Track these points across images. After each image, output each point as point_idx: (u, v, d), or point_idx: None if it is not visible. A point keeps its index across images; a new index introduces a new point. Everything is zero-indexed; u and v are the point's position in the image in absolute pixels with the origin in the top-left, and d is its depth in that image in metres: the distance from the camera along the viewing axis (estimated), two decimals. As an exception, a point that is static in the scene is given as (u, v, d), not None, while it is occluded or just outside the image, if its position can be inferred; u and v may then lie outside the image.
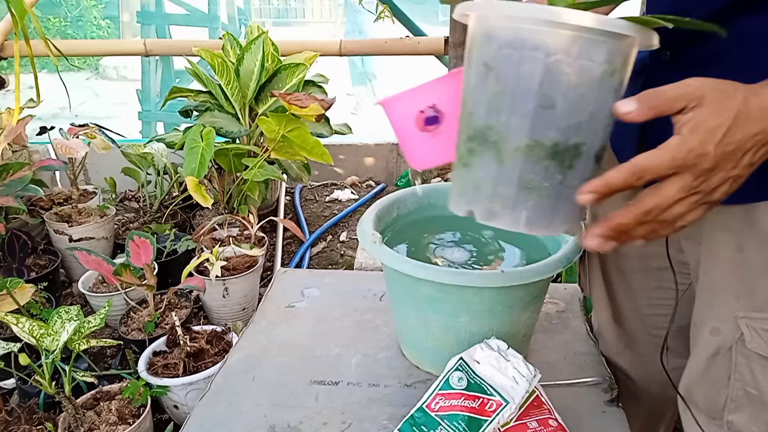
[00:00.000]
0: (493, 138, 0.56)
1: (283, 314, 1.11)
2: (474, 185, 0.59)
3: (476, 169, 0.58)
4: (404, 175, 2.88)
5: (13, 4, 1.54)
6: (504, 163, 0.56)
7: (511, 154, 0.55)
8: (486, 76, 0.54)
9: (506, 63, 0.53)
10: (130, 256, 1.60)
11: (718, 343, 0.70)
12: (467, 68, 0.58)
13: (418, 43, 2.53)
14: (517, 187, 0.56)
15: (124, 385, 1.31)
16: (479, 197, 0.59)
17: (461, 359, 0.80)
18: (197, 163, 1.81)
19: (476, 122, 0.57)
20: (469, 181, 0.59)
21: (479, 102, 0.56)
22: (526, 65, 0.52)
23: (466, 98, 0.59)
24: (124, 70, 6.25)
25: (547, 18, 0.50)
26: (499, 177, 0.57)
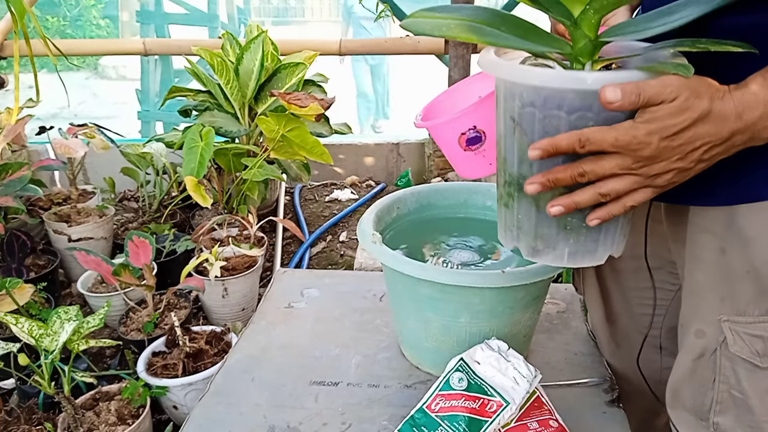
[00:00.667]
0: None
1: (283, 314, 1.11)
2: (517, 225, 0.63)
3: (516, 211, 0.62)
4: (404, 175, 2.88)
5: (13, 3, 1.53)
6: (541, 209, 0.59)
7: (547, 200, 0.58)
8: (514, 129, 0.58)
9: (530, 120, 0.56)
10: (129, 256, 1.60)
11: (702, 345, 0.70)
12: (497, 116, 0.61)
13: (418, 42, 2.53)
14: (556, 229, 0.61)
15: (123, 386, 1.31)
16: (522, 236, 0.63)
17: (461, 360, 0.80)
18: (196, 162, 1.80)
19: (510, 170, 0.61)
20: (512, 221, 0.63)
21: (510, 151, 0.60)
22: (551, 122, 0.55)
23: (499, 144, 0.62)
24: (124, 70, 6.25)
25: (573, 87, 0.53)
26: (538, 221, 0.61)
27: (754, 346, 0.65)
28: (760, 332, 0.64)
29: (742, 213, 0.63)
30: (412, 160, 2.90)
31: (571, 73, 0.55)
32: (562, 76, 0.54)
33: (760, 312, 0.64)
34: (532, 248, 0.63)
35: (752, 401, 0.66)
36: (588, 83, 0.52)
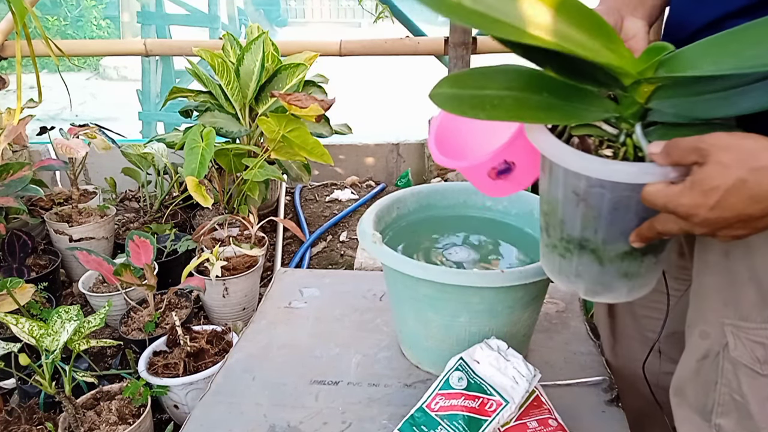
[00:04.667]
0: (591, 247, 0.62)
1: (283, 314, 1.11)
2: (575, 273, 0.65)
3: (576, 263, 0.64)
4: (404, 175, 2.89)
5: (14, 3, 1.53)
6: (604, 265, 0.62)
7: (611, 259, 0.61)
8: (577, 202, 0.59)
9: (599, 198, 0.57)
10: (130, 256, 1.61)
11: (707, 346, 0.70)
12: (550, 182, 0.61)
13: (418, 43, 2.53)
14: (618, 278, 0.64)
15: (124, 385, 1.31)
16: (581, 282, 0.66)
17: (461, 359, 0.80)
18: (197, 163, 1.81)
19: (571, 232, 0.62)
20: (569, 269, 0.65)
21: (572, 218, 0.61)
22: (622, 201, 0.57)
23: (553, 206, 0.63)
24: (125, 71, 6.25)
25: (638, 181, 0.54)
26: (600, 274, 0.63)
27: (755, 353, 0.64)
28: (761, 339, 0.64)
29: None
30: (412, 160, 2.90)
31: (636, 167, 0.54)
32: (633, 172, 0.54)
33: (762, 319, 0.63)
34: (591, 291, 0.66)
35: (752, 407, 0.66)
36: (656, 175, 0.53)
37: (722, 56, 0.52)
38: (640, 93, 0.56)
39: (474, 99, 0.55)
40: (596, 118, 0.58)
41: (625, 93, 0.57)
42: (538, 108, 0.56)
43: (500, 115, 0.54)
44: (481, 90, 0.55)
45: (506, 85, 0.56)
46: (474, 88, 0.56)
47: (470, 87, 0.56)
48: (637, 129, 0.57)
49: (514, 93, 0.56)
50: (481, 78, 0.57)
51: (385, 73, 5.39)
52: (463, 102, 0.54)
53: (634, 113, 0.57)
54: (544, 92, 0.57)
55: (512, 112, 0.54)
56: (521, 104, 0.55)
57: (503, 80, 0.57)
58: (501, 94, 0.55)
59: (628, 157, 0.57)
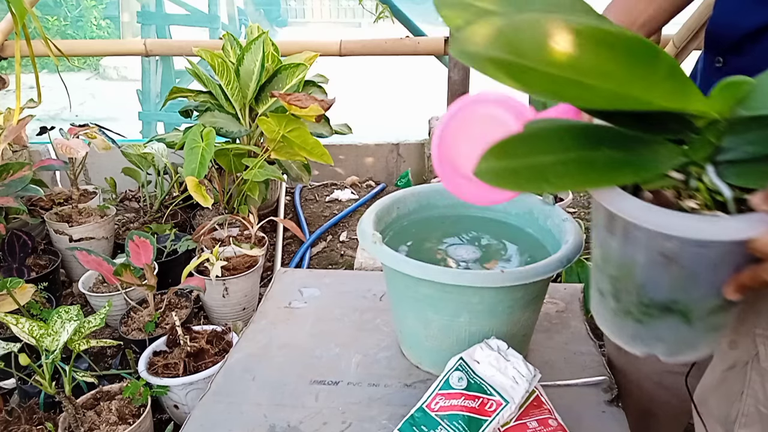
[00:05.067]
0: (679, 308, 0.56)
1: (283, 314, 1.11)
2: (655, 338, 0.60)
3: (657, 327, 0.58)
4: (404, 175, 2.89)
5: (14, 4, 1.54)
6: (693, 324, 0.56)
7: (700, 315, 0.55)
8: (666, 264, 0.53)
9: (696, 258, 0.52)
10: (130, 256, 1.61)
11: (735, 356, 0.69)
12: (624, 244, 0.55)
13: (418, 43, 2.53)
14: (705, 333, 0.58)
15: (124, 385, 1.31)
16: (662, 345, 0.60)
17: (461, 359, 0.80)
18: (197, 163, 1.81)
19: (653, 297, 0.56)
20: (648, 334, 0.60)
21: (657, 281, 0.55)
22: (724, 258, 0.52)
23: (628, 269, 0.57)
24: (125, 71, 6.25)
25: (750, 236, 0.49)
26: (688, 334, 0.58)
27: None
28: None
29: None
30: (412, 160, 2.90)
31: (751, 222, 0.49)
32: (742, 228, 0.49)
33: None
34: (673, 352, 0.61)
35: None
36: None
37: None
38: (714, 133, 0.50)
39: (532, 171, 0.48)
40: (669, 167, 0.51)
41: (696, 135, 0.51)
42: (605, 168, 0.49)
43: (567, 184, 0.48)
44: (536, 157, 0.49)
45: (562, 146, 0.50)
46: (527, 156, 0.49)
47: (522, 156, 0.49)
48: (709, 172, 0.51)
49: (572, 154, 0.49)
50: (532, 143, 0.50)
51: (385, 73, 5.40)
52: (520, 176, 0.48)
53: (706, 156, 0.52)
54: (603, 147, 0.50)
55: (580, 179, 0.48)
56: (586, 167, 0.49)
57: (556, 142, 0.50)
58: (561, 159, 0.49)
59: (708, 204, 0.51)
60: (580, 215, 2.56)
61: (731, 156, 0.52)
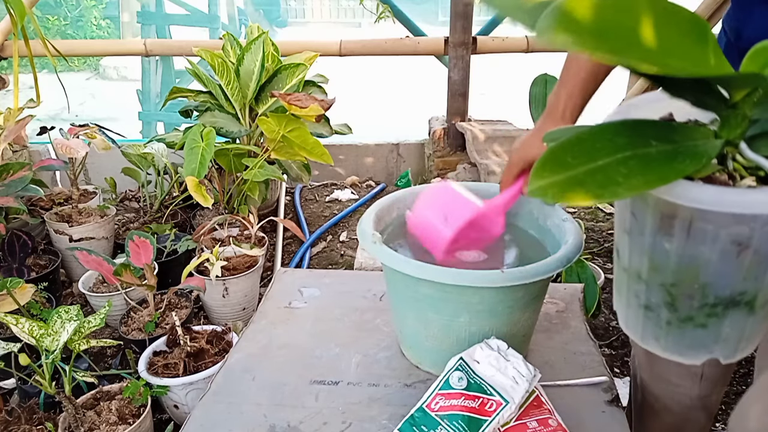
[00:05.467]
0: (745, 299, 0.55)
1: (283, 314, 1.11)
2: (716, 339, 0.59)
3: (720, 327, 0.57)
4: (404, 175, 2.89)
5: (13, 4, 1.54)
6: (756, 313, 0.56)
7: (763, 302, 0.55)
8: (738, 253, 0.52)
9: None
10: (130, 256, 1.61)
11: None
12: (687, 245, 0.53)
13: (418, 43, 2.53)
14: (763, 322, 0.58)
15: (124, 385, 1.31)
16: (724, 345, 0.59)
17: (461, 359, 0.80)
18: (197, 163, 1.81)
19: (720, 293, 0.55)
20: (710, 337, 0.59)
21: (725, 275, 0.54)
22: None
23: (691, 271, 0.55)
24: (125, 71, 6.25)
25: None
26: (751, 324, 0.57)
27: None
28: None
29: None
30: (412, 160, 2.90)
31: None
32: None
33: None
34: (735, 350, 0.60)
35: None
36: None
37: None
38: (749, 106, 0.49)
39: (596, 175, 0.45)
40: (716, 149, 0.50)
41: (733, 110, 0.50)
42: (664, 161, 0.47)
43: (638, 184, 0.45)
44: (594, 162, 0.46)
45: (612, 146, 0.47)
46: (584, 162, 0.46)
47: (578, 164, 0.46)
48: (744, 149, 0.51)
49: (628, 153, 0.47)
50: (581, 148, 0.47)
51: (385, 73, 5.39)
52: (586, 183, 0.45)
53: (741, 132, 0.51)
54: (651, 141, 0.49)
55: (649, 175, 0.46)
56: (647, 163, 0.47)
57: (608, 143, 0.48)
58: (619, 159, 0.46)
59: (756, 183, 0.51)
60: (579, 215, 2.56)
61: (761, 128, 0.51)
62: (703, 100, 0.51)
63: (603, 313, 1.88)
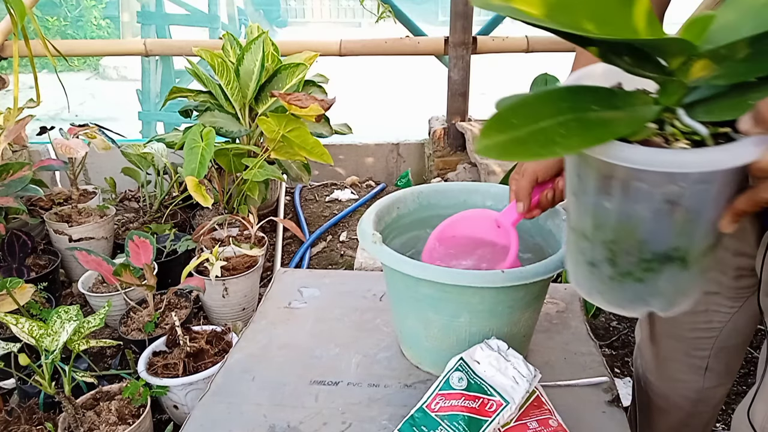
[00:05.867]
0: (679, 255, 0.58)
1: (283, 314, 1.11)
2: (652, 293, 0.61)
3: (656, 281, 0.60)
4: (404, 175, 2.89)
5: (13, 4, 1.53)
6: (690, 269, 0.59)
7: (697, 258, 0.58)
8: (671, 211, 0.54)
9: (701, 196, 0.53)
10: (129, 256, 1.60)
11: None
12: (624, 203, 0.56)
13: (418, 43, 2.53)
14: (698, 277, 0.61)
15: (123, 385, 1.31)
16: (661, 298, 0.62)
17: (461, 359, 0.80)
18: (197, 163, 1.81)
19: (655, 249, 0.58)
20: (646, 291, 0.62)
21: (659, 232, 0.56)
22: (722, 190, 0.53)
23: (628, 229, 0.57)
24: (124, 70, 6.25)
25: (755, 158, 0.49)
26: (686, 279, 0.60)
27: None
28: None
29: None
30: (412, 160, 2.90)
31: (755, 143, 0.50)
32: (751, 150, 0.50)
33: None
34: (671, 303, 0.63)
35: None
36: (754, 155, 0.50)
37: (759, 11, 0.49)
38: (686, 73, 0.52)
39: (538, 136, 0.48)
40: (653, 114, 0.53)
41: (670, 77, 0.53)
42: (601, 123, 0.51)
43: (576, 144, 0.49)
44: (537, 123, 0.49)
45: (555, 110, 0.51)
46: (527, 124, 0.49)
47: (522, 125, 0.49)
48: (681, 114, 0.53)
49: (569, 116, 0.50)
50: (525, 111, 0.50)
51: (385, 73, 5.39)
52: (528, 143, 0.48)
53: (678, 99, 0.54)
54: (591, 106, 0.53)
55: (586, 136, 0.49)
56: (587, 125, 0.50)
57: (550, 107, 0.51)
58: (560, 121, 0.50)
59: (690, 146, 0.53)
60: (580, 215, 2.55)
61: (694, 96, 0.54)
62: (641, 68, 0.53)
63: (603, 314, 1.87)
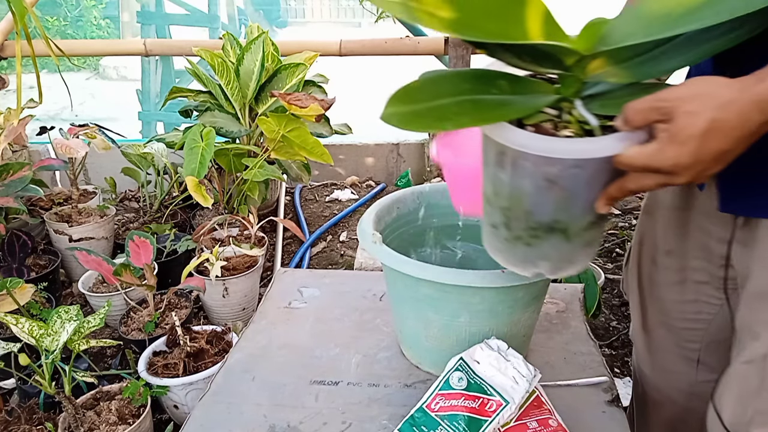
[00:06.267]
0: (560, 227, 0.64)
1: (283, 314, 1.11)
2: (542, 257, 0.69)
3: (542, 247, 0.67)
4: (404, 175, 2.89)
5: (14, 3, 1.53)
6: (572, 241, 0.66)
7: (578, 232, 0.65)
8: (549, 188, 0.60)
9: (574, 178, 0.59)
10: (129, 256, 1.60)
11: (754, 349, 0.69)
12: (513, 176, 0.62)
13: (418, 43, 2.53)
14: (581, 248, 0.68)
15: (124, 385, 1.31)
16: (547, 263, 0.70)
17: (461, 359, 0.80)
18: (197, 163, 1.81)
19: (539, 219, 0.64)
20: (536, 254, 0.69)
21: (542, 205, 0.63)
22: (595, 176, 0.59)
23: (517, 199, 0.64)
24: (124, 70, 6.25)
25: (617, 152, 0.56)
26: (568, 249, 0.67)
27: None
28: None
29: None
30: (412, 160, 2.90)
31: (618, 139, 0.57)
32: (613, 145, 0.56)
33: None
34: (557, 269, 0.70)
35: None
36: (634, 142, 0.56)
37: (651, 21, 0.54)
38: (581, 70, 0.58)
39: (434, 111, 0.54)
40: (545, 103, 0.60)
41: (567, 73, 0.59)
42: (495, 106, 0.57)
43: (466, 121, 0.55)
44: (436, 100, 0.55)
45: (456, 90, 0.56)
46: (427, 100, 0.55)
47: (423, 100, 0.55)
48: (578, 105, 0.60)
49: (467, 96, 0.56)
50: (430, 88, 0.57)
51: (385, 73, 5.39)
52: (423, 116, 0.54)
53: (576, 91, 0.60)
54: (491, 89, 0.58)
55: (476, 115, 0.55)
56: (480, 106, 0.56)
57: (452, 87, 0.57)
58: (457, 101, 0.55)
59: (578, 133, 0.59)
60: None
61: (594, 90, 0.61)
62: (540, 65, 0.60)
63: (603, 313, 1.87)
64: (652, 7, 0.54)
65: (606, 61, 0.58)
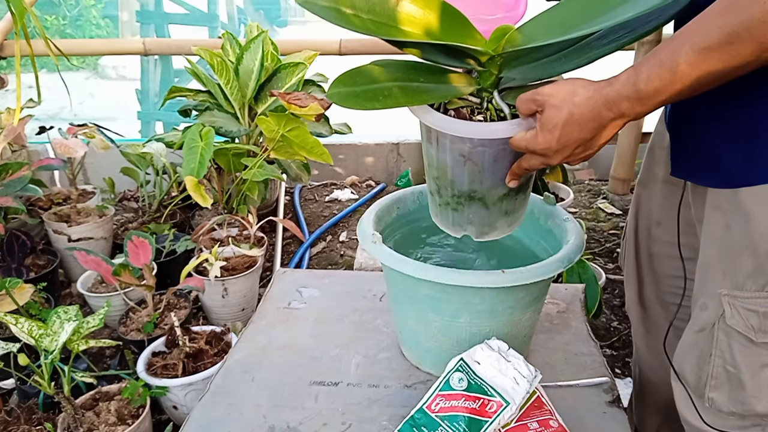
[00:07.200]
0: (478, 196, 0.77)
1: (283, 314, 1.11)
2: (467, 221, 0.81)
3: (467, 212, 0.79)
4: (404, 175, 2.88)
5: (13, 3, 1.53)
6: (489, 209, 0.78)
7: (494, 202, 0.78)
8: (464, 162, 0.73)
9: (482, 155, 0.72)
10: (128, 257, 1.60)
11: (704, 319, 0.73)
12: (438, 150, 0.75)
13: (417, 42, 2.52)
14: (500, 216, 0.80)
15: (123, 386, 1.31)
16: (472, 227, 0.81)
17: (462, 360, 0.80)
18: (196, 162, 1.80)
19: (460, 188, 0.77)
20: (462, 218, 0.81)
21: (460, 176, 0.75)
22: (499, 153, 0.72)
23: (443, 170, 0.77)
24: (123, 70, 6.24)
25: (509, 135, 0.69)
26: (487, 216, 0.80)
27: (749, 321, 0.68)
28: (755, 307, 0.68)
29: (744, 193, 0.67)
30: (412, 160, 2.89)
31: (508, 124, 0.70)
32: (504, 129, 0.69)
33: (757, 287, 0.68)
34: (481, 233, 0.82)
35: (744, 376, 0.70)
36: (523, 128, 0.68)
37: (552, 27, 0.66)
38: (494, 66, 0.71)
39: (368, 93, 0.66)
40: (465, 92, 0.72)
41: (483, 68, 0.71)
42: (419, 92, 0.69)
43: (392, 102, 0.66)
44: (371, 85, 0.67)
45: (390, 77, 0.69)
46: (364, 84, 0.67)
47: (361, 84, 0.67)
48: (495, 95, 0.73)
49: (398, 83, 0.68)
50: (368, 74, 0.69)
51: (384, 73, 5.38)
52: (359, 96, 0.66)
53: (491, 83, 0.72)
54: (420, 78, 0.70)
55: (401, 99, 0.67)
56: (406, 92, 0.68)
57: (386, 73, 0.69)
58: (388, 86, 0.67)
59: (493, 119, 0.72)
60: (581, 215, 2.55)
61: (508, 84, 0.73)
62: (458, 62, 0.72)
63: (604, 314, 1.87)
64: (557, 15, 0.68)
65: (515, 61, 0.71)
